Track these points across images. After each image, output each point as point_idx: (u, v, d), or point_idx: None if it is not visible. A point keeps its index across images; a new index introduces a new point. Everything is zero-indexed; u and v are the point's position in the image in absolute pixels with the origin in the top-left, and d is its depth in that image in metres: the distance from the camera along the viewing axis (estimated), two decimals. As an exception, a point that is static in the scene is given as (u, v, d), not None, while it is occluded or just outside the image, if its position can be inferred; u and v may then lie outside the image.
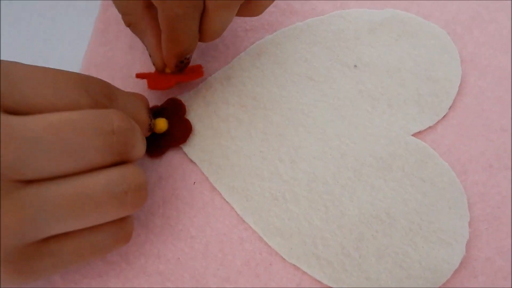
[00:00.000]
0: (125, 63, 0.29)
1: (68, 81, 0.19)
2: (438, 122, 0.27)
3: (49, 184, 0.18)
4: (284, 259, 0.24)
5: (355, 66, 0.28)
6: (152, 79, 0.27)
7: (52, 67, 0.29)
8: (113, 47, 0.30)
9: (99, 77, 0.29)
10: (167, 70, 0.27)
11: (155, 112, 0.27)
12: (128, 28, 0.30)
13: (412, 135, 0.27)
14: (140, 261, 0.24)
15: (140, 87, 0.28)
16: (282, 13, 0.30)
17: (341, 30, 0.29)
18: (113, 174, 0.19)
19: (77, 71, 0.29)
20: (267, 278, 0.24)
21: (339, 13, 0.30)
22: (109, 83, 0.22)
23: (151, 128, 0.24)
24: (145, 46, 0.26)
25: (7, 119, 0.17)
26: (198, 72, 0.27)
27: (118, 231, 0.21)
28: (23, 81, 0.18)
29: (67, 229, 0.19)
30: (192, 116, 0.27)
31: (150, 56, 0.26)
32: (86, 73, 0.29)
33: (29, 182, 0.18)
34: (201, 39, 0.25)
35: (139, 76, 0.27)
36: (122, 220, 0.21)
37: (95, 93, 0.20)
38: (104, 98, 0.20)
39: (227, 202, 0.25)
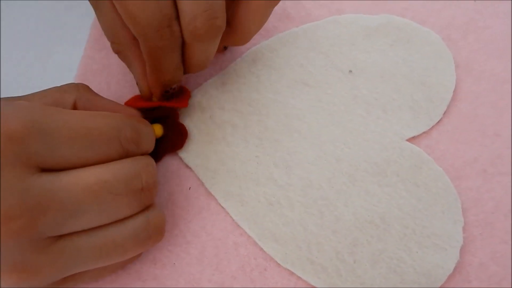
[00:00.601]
0: (121, 69, 0.29)
1: (103, 135, 0.20)
2: (432, 127, 0.27)
3: (81, 236, 0.20)
4: (279, 264, 0.24)
5: (350, 71, 0.28)
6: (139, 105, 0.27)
7: (48, 72, 0.29)
8: (108, 53, 0.30)
9: (96, 83, 0.29)
10: (154, 99, 0.26)
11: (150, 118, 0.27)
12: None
13: (407, 140, 0.27)
14: (136, 266, 0.24)
15: (135, 93, 0.28)
16: (278, 18, 0.30)
17: (337, 35, 0.30)
18: (139, 221, 0.21)
19: (73, 77, 0.29)
20: (262, 283, 0.24)
21: (334, 18, 0.30)
22: (137, 122, 0.23)
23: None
24: (132, 74, 0.26)
25: (49, 181, 0.18)
26: (183, 102, 0.27)
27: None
28: (61, 140, 0.19)
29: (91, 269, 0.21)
30: (188, 121, 0.27)
31: (137, 84, 0.26)
32: (82, 78, 0.29)
33: (63, 235, 0.19)
34: (186, 70, 0.24)
35: (128, 104, 0.27)
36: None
37: (127, 142, 0.21)
38: (133, 145, 0.22)
39: (222, 207, 0.26)
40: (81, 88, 0.24)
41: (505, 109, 0.27)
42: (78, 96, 0.24)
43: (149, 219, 0.22)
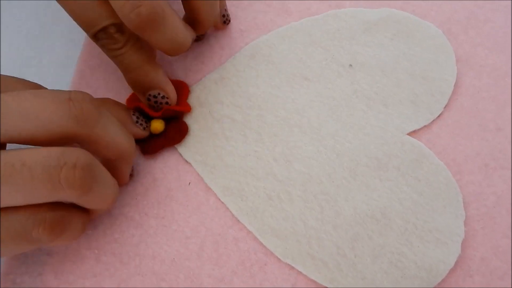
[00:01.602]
0: (120, 63, 0.29)
1: (50, 114, 0.19)
2: (433, 121, 0.27)
3: None
4: (279, 259, 0.24)
5: (350, 65, 0.28)
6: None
7: (47, 68, 0.29)
8: (108, 47, 0.30)
9: (94, 79, 0.29)
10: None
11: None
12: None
13: (408, 134, 0.26)
14: (135, 262, 0.24)
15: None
16: (277, 13, 0.30)
17: (336, 29, 0.29)
18: (55, 149, 0.19)
19: (72, 72, 0.29)
20: (262, 278, 0.24)
21: (334, 12, 0.30)
22: (95, 106, 0.21)
23: (141, 124, 0.25)
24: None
25: None
26: (187, 106, 0.27)
27: (44, 217, 0.20)
28: (9, 116, 0.18)
29: None
30: (187, 116, 0.27)
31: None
32: (81, 75, 0.29)
33: None
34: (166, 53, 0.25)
35: (130, 101, 0.28)
36: (55, 208, 0.20)
37: (76, 128, 0.20)
38: (84, 129, 0.20)
39: (222, 202, 0.25)
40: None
41: (506, 103, 0.27)
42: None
43: (66, 150, 0.19)
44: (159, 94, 0.25)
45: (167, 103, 0.26)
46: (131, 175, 0.26)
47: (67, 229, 0.21)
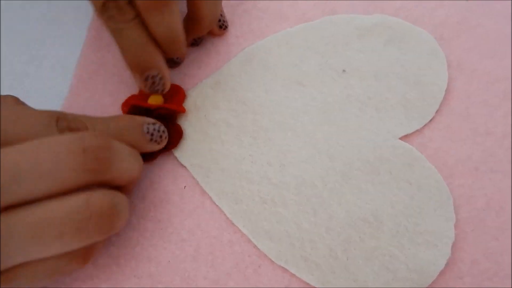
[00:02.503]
0: (117, 69, 0.30)
1: (65, 170, 0.19)
2: (425, 125, 0.27)
3: (18, 211, 0.18)
4: (273, 261, 0.25)
5: (344, 71, 0.29)
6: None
7: (46, 71, 0.30)
8: (105, 53, 0.30)
9: (93, 83, 0.29)
10: (150, 101, 0.27)
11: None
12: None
13: (400, 138, 0.27)
14: (131, 264, 0.25)
15: (131, 92, 0.29)
16: (272, 19, 0.31)
17: (331, 35, 0.30)
18: (78, 199, 0.19)
19: (71, 77, 0.30)
20: (256, 280, 0.24)
21: (328, 18, 0.30)
22: (109, 149, 0.21)
23: (156, 140, 0.25)
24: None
25: None
26: (181, 106, 0.28)
27: (73, 252, 0.20)
28: (24, 176, 0.18)
29: (28, 258, 0.19)
30: (183, 121, 0.28)
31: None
32: (79, 78, 0.30)
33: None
34: (165, 54, 0.26)
35: (125, 104, 0.28)
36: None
37: (92, 178, 0.20)
38: (100, 176, 0.20)
39: (217, 205, 0.26)
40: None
41: (497, 108, 0.27)
42: None
43: (90, 200, 0.19)
44: (157, 74, 0.25)
45: (163, 85, 0.26)
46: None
47: (94, 251, 0.21)
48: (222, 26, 0.30)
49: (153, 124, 0.25)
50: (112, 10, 0.23)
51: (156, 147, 0.25)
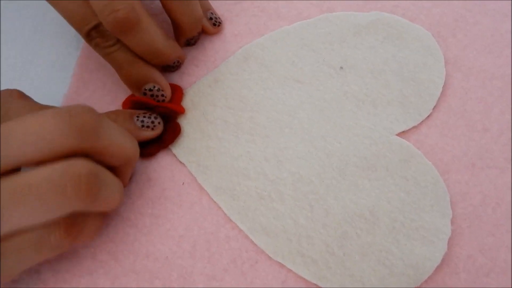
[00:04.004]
0: (117, 67, 0.30)
1: (51, 133, 0.19)
2: (422, 122, 0.27)
3: (3, 179, 0.19)
4: (269, 257, 0.25)
5: (341, 68, 0.29)
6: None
7: (45, 71, 0.30)
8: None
9: (92, 82, 0.30)
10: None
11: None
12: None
13: (397, 135, 0.27)
14: (129, 260, 0.25)
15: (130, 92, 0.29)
16: (270, 17, 0.31)
17: (328, 33, 0.30)
18: (58, 165, 0.19)
19: (70, 75, 0.30)
20: (253, 275, 0.24)
21: (325, 16, 0.31)
22: (95, 118, 0.21)
23: (148, 126, 0.26)
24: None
25: None
26: (180, 107, 0.28)
27: (58, 222, 0.20)
28: (12, 143, 0.19)
29: (13, 227, 0.19)
30: (181, 118, 0.28)
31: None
32: (79, 77, 0.30)
33: None
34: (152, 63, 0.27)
35: (126, 102, 0.29)
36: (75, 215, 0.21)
37: (78, 142, 0.20)
38: (87, 142, 0.20)
39: (214, 201, 0.26)
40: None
41: (494, 105, 0.27)
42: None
43: (69, 165, 0.19)
44: (154, 87, 0.27)
45: (163, 95, 0.27)
46: (131, 176, 0.26)
47: (83, 230, 0.21)
48: (216, 23, 0.30)
49: (144, 113, 0.26)
50: (96, 38, 0.25)
51: (150, 134, 0.26)
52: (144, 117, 0.26)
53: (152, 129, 0.26)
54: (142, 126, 0.26)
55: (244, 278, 0.24)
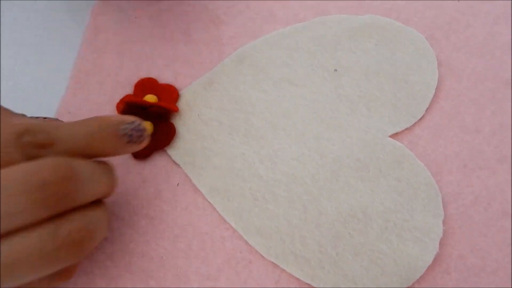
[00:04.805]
0: (114, 69, 0.30)
1: (23, 212, 0.18)
2: (415, 124, 0.28)
3: None
4: (263, 257, 0.25)
5: (335, 70, 0.29)
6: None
7: (42, 72, 0.30)
8: (102, 54, 0.31)
9: (89, 83, 0.30)
10: (147, 98, 0.28)
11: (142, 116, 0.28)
12: (116, 36, 0.31)
13: (390, 136, 0.27)
14: (125, 260, 0.25)
15: (127, 93, 0.29)
16: (265, 20, 0.31)
17: (322, 35, 0.30)
18: (44, 232, 0.18)
19: (67, 77, 0.30)
20: (247, 275, 0.25)
21: (320, 19, 0.31)
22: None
23: (135, 141, 0.22)
24: None
25: None
26: (174, 106, 0.28)
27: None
28: None
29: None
30: (176, 119, 0.28)
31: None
32: (76, 79, 0.30)
33: None
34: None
35: (121, 102, 0.29)
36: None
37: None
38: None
39: (209, 202, 0.26)
40: None
41: (486, 106, 0.28)
42: None
43: (57, 229, 0.18)
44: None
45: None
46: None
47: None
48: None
49: (131, 123, 0.22)
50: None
51: (136, 148, 0.22)
52: (132, 130, 0.22)
53: (139, 144, 0.22)
54: (130, 141, 0.22)
55: (238, 278, 0.25)
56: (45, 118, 0.25)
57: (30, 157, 0.19)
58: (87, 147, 0.20)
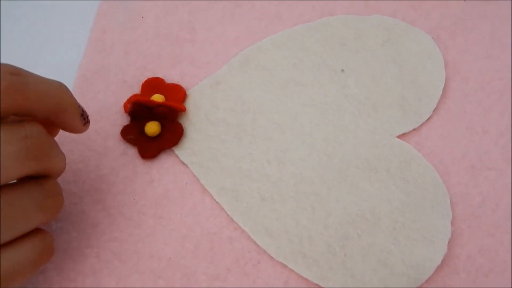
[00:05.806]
0: (120, 69, 0.30)
1: (7, 159, 0.19)
2: (422, 124, 0.28)
3: None
4: (272, 257, 0.25)
5: (342, 71, 0.29)
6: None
7: (48, 73, 0.30)
8: (108, 54, 0.31)
9: (96, 83, 0.30)
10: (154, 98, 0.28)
11: (149, 116, 0.28)
12: (123, 35, 0.31)
13: (397, 137, 0.27)
14: (133, 260, 0.25)
15: (133, 93, 0.29)
16: (271, 20, 0.31)
17: (329, 36, 0.30)
18: (32, 185, 0.20)
19: (74, 76, 0.30)
20: (255, 276, 0.25)
21: (326, 19, 0.31)
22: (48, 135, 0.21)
23: (85, 114, 0.23)
24: None
25: None
26: (181, 105, 0.28)
27: (40, 244, 0.21)
28: None
29: None
30: (184, 119, 0.28)
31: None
32: (82, 79, 0.30)
33: None
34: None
35: (128, 102, 0.29)
36: (40, 233, 0.21)
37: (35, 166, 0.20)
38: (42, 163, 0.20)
39: (217, 202, 0.26)
40: None
41: (492, 107, 0.28)
42: None
43: (44, 185, 0.21)
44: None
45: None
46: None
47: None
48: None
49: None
50: None
51: (84, 129, 0.23)
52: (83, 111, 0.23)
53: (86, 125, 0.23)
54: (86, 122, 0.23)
55: (247, 278, 0.25)
56: None
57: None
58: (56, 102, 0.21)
